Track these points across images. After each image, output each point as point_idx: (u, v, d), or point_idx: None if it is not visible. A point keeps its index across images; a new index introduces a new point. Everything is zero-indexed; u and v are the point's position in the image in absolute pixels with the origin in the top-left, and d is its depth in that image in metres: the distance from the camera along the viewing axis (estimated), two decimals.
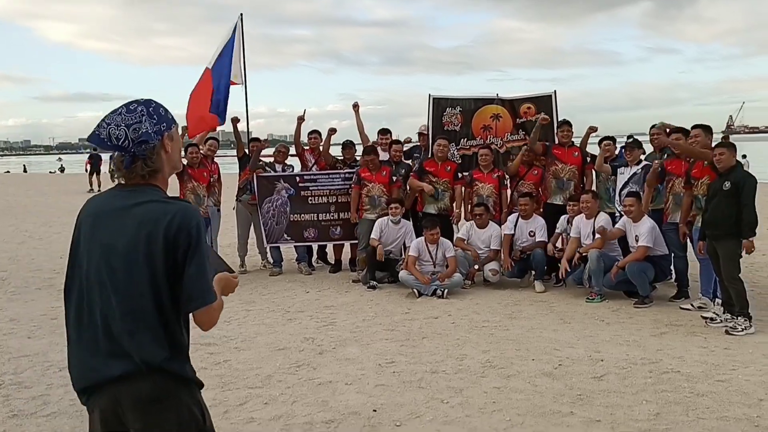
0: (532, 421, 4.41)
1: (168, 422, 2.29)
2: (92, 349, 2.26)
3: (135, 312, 2.22)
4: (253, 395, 4.94)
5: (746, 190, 6.28)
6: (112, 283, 2.23)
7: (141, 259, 2.21)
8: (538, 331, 6.49)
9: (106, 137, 2.28)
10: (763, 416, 4.37)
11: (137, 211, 2.26)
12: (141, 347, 2.22)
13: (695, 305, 7.16)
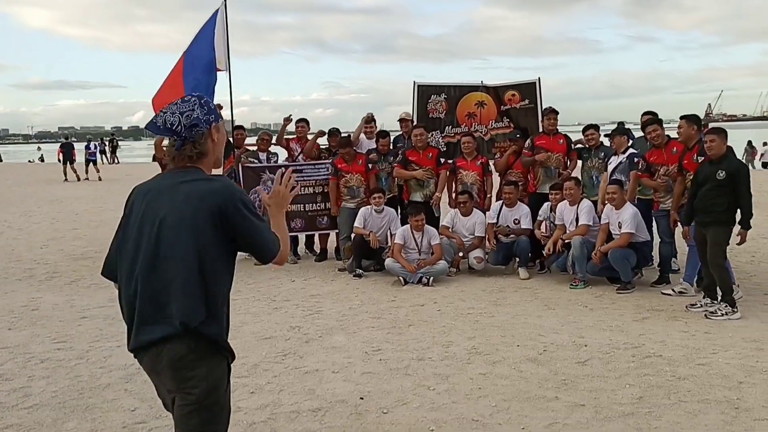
0: (518, 406, 4.47)
1: (196, 384, 2.55)
2: (140, 315, 2.54)
3: (179, 279, 2.49)
4: (239, 384, 4.94)
5: (742, 180, 6.26)
6: (161, 253, 2.51)
7: (188, 231, 2.51)
8: (522, 318, 6.56)
9: (161, 124, 2.62)
10: (743, 398, 4.46)
11: (184, 188, 2.56)
12: (181, 311, 2.48)
13: (676, 290, 7.26)
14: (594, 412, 4.34)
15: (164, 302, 2.50)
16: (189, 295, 2.50)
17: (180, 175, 2.62)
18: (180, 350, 2.51)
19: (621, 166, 8.06)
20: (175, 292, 2.49)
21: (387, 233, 8.81)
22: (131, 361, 5.35)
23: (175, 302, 2.49)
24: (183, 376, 2.54)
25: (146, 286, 2.52)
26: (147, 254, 2.53)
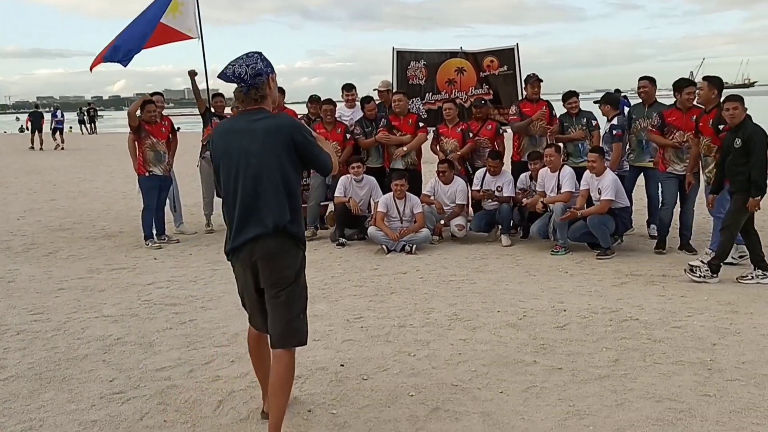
0: (496, 371, 4.51)
1: (286, 269, 3.44)
2: (238, 224, 3.39)
3: (268, 192, 3.35)
4: (219, 354, 4.97)
5: (754, 147, 6.16)
6: (251, 174, 3.34)
7: (271, 156, 3.34)
8: (503, 284, 6.60)
9: (231, 74, 3.39)
10: (716, 359, 4.54)
11: (260, 124, 3.38)
12: (272, 215, 3.35)
13: (704, 261, 6.97)
14: (571, 375, 4.40)
15: (257, 211, 3.35)
16: (277, 204, 3.36)
17: (252, 115, 3.43)
18: (272, 245, 3.37)
19: (605, 136, 8.08)
20: (265, 203, 3.35)
21: (369, 202, 8.81)
22: (109, 332, 5.42)
23: (266, 210, 3.35)
24: (277, 264, 3.41)
25: (242, 201, 3.37)
26: (241, 178, 3.36)
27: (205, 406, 4.11)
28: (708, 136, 6.91)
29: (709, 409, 3.86)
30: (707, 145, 6.96)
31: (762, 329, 5.04)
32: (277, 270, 3.42)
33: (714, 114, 6.83)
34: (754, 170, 6.18)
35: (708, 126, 6.90)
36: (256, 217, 3.36)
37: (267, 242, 3.37)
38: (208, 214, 9.73)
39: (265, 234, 3.35)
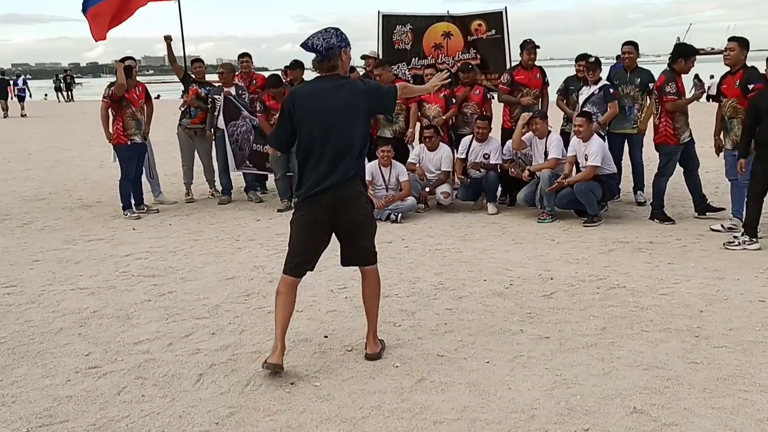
0: (483, 341, 4.44)
1: (363, 208, 4.12)
2: (319, 172, 3.95)
3: (346, 146, 3.96)
4: (199, 326, 4.86)
5: None
6: (333, 130, 3.93)
7: (351, 114, 3.97)
8: (490, 253, 6.51)
9: (309, 45, 3.96)
10: (704, 327, 4.49)
11: (342, 87, 3.98)
12: (349, 166, 3.97)
13: (725, 226, 6.94)
14: (558, 344, 4.33)
15: (340, 161, 3.94)
16: (358, 156, 4.03)
17: (333, 80, 4.00)
18: (353, 189, 4.03)
19: (594, 98, 7.94)
20: (347, 154, 3.96)
21: None
22: (85, 304, 5.29)
23: (348, 160, 3.96)
24: (357, 204, 4.07)
25: (328, 152, 3.93)
26: (326, 132, 3.92)
27: (185, 380, 4.01)
28: (733, 97, 6.64)
29: (696, 376, 3.81)
30: (732, 106, 6.67)
31: (749, 295, 4.99)
32: (357, 209, 4.08)
33: (740, 75, 6.57)
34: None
35: (733, 87, 6.63)
36: (340, 166, 3.95)
37: (349, 187, 4.01)
38: (188, 183, 9.56)
39: (348, 179, 3.99)
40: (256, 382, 3.98)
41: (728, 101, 6.71)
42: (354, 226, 4.13)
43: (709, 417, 3.33)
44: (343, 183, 3.96)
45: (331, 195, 3.97)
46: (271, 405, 3.70)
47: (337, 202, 4.00)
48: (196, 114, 9.34)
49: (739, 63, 6.63)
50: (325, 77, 4.03)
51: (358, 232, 4.17)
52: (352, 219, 4.09)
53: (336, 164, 3.94)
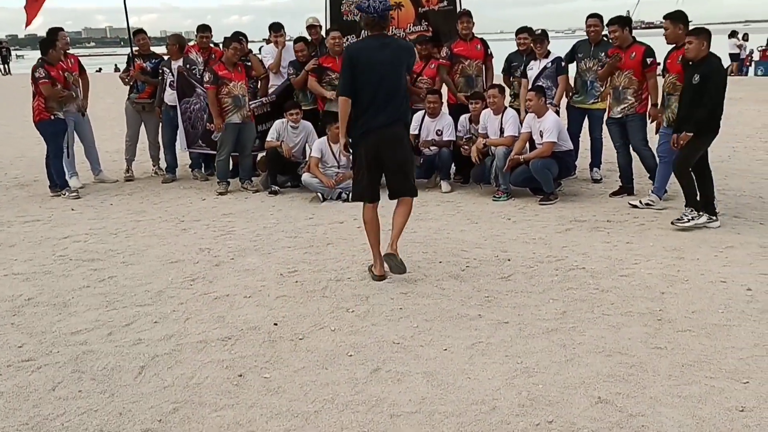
0: (440, 326, 4.27)
1: (404, 150, 5.05)
2: (373, 114, 4.84)
3: (396, 92, 4.88)
4: (141, 314, 4.59)
5: (711, 84, 5.90)
6: (385, 79, 4.81)
7: (398, 66, 4.89)
8: (445, 233, 6.34)
9: (365, 6, 4.83)
10: (666, 309, 4.39)
11: (390, 44, 4.94)
12: (398, 108, 4.91)
13: (643, 202, 6.96)
14: (518, 330, 4.19)
15: (389, 104, 4.87)
16: (404, 100, 5.01)
17: (381, 39, 4.94)
18: (399, 129, 5.00)
19: (546, 72, 7.78)
20: (396, 100, 4.90)
21: (304, 148, 8.38)
22: (19, 291, 4.96)
23: (398, 104, 4.92)
24: (401, 143, 5.03)
25: (379, 97, 4.84)
26: (381, 80, 4.82)
27: (126, 373, 3.77)
28: (674, 73, 6.54)
29: (660, 362, 3.71)
30: (672, 82, 6.56)
31: (709, 276, 4.92)
32: (402, 147, 5.01)
33: (683, 51, 6.39)
34: (702, 109, 5.93)
35: (675, 63, 6.53)
36: (388, 110, 4.87)
37: (396, 127, 4.96)
38: (130, 159, 9.17)
39: (396, 121, 4.94)
40: (202, 374, 3.75)
41: (669, 77, 6.62)
42: (398, 163, 4.99)
43: (675, 406, 3.22)
44: (394, 123, 4.92)
45: (380, 133, 4.88)
46: (217, 399, 3.48)
47: (385, 140, 4.90)
48: (144, 88, 8.94)
49: (680, 39, 6.48)
50: (374, 36, 4.96)
51: (402, 168, 5.03)
52: (398, 156, 4.98)
53: (387, 108, 4.86)
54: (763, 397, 3.28)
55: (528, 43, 8.13)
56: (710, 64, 6.00)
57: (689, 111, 6.03)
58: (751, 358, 3.71)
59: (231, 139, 8.14)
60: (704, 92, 5.92)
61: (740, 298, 4.52)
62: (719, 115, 6.10)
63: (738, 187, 7.83)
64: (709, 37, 6.04)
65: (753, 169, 8.89)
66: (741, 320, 4.19)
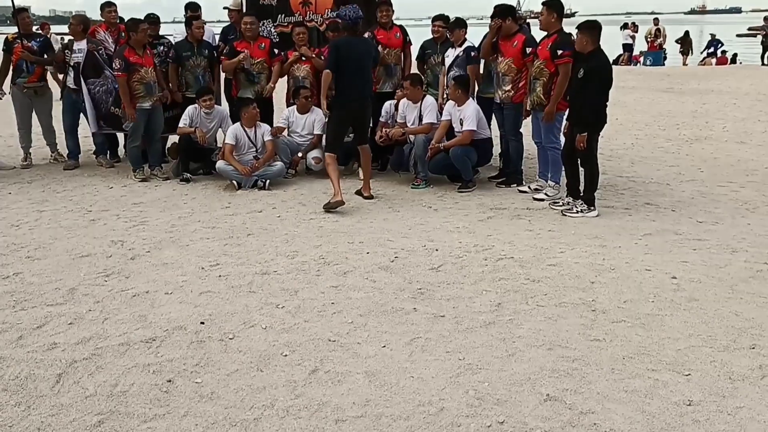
0: (375, 322, 4.17)
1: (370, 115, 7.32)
2: (354, 90, 6.72)
3: (368, 75, 7.00)
4: (53, 314, 4.24)
5: (594, 79, 6.09)
6: (362, 66, 6.72)
7: (368, 58, 6.87)
8: (368, 222, 6.24)
9: (344, 15, 6.71)
10: (598, 300, 4.44)
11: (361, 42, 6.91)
12: (369, 87, 7.05)
13: (532, 187, 7.19)
14: (455, 323, 4.14)
15: (364, 83, 6.85)
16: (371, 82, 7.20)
17: (355, 40, 6.74)
18: (369, 101, 7.03)
19: (459, 60, 7.76)
20: (368, 81, 6.98)
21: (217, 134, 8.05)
22: None
23: (369, 84, 7.04)
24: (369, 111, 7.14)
25: (359, 79, 6.69)
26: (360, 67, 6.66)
27: (41, 382, 3.47)
28: (543, 59, 6.73)
29: (601, 355, 3.73)
30: (540, 68, 6.77)
31: (634, 264, 5.03)
32: (369, 113, 7.18)
33: (554, 39, 6.66)
34: (586, 106, 6.16)
35: (545, 49, 6.72)
36: (364, 88, 6.82)
37: (366, 99, 6.92)
38: (26, 146, 8.57)
39: (368, 97, 6.97)
40: (127, 381, 3.49)
41: (538, 62, 6.81)
42: (365, 124, 7.11)
43: (623, 402, 3.24)
44: (366, 98, 6.90)
45: (360, 104, 6.77)
46: (146, 409, 3.25)
47: (360, 108, 6.82)
48: (33, 70, 8.31)
49: (552, 27, 6.75)
50: (350, 36, 6.72)
51: (365, 126, 7.13)
52: (365, 119, 7.09)
53: (363, 87, 6.76)
54: (707, 390, 3.35)
55: (443, 31, 8.09)
56: (595, 60, 6.17)
57: (578, 110, 6.24)
58: (688, 349, 3.79)
59: (143, 124, 7.73)
60: (588, 87, 6.12)
61: (667, 286, 4.63)
62: (604, 109, 6.32)
63: (645, 174, 8.14)
64: (594, 32, 6.21)
65: (657, 156, 9.27)
66: (672, 309, 4.29)
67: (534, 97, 6.84)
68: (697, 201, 7.01)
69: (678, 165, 8.73)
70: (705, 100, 14.93)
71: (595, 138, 6.33)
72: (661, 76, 19.55)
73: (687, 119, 12.46)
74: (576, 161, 6.48)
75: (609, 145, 9.65)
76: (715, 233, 5.92)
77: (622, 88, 15.06)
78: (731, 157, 9.19)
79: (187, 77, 8.32)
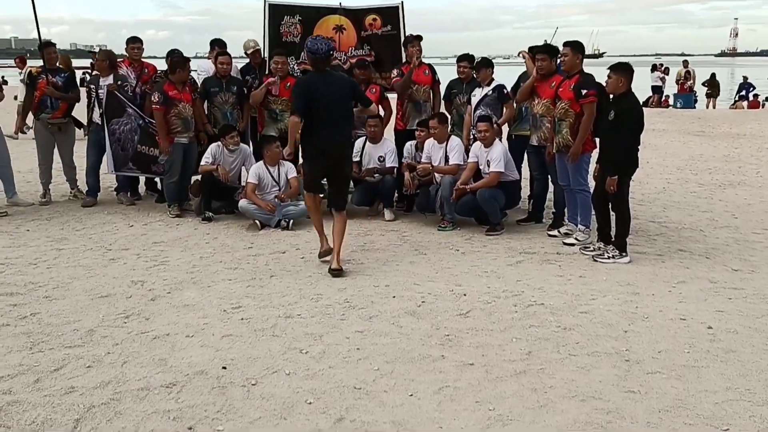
0: (402, 369, 4.02)
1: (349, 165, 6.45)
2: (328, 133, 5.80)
3: (343, 116, 5.89)
4: (71, 356, 4.13)
5: (625, 122, 5.99)
6: (334, 107, 5.77)
7: (343, 96, 5.86)
8: (394, 264, 6.11)
9: (314, 49, 5.78)
10: (632, 349, 4.27)
11: (332, 79, 5.91)
12: (346, 130, 6.10)
13: (561, 231, 7.04)
14: (484, 372, 3.98)
15: (338, 126, 5.85)
16: (349, 124, 6.16)
17: (326, 75, 5.90)
18: (347, 146, 6.22)
19: (487, 99, 7.69)
20: (343, 123, 5.92)
21: (240, 173, 8.00)
22: None
23: (344, 127, 5.99)
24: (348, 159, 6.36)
25: (330, 120, 5.77)
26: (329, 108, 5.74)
27: (59, 428, 3.35)
28: (566, 99, 6.63)
29: (636, 408, 3.56)
30: (564, 108, 6.65)
31: (668, 313, 4.85)
32: (348, 163, 6.33)
33: (576, 79, 6.57)
34: (617, 149, 6.05)
35: (568, 90, 6.62)
36: (338, 130, 5.87)
37: (345, 145, 6.13)
38: (45, 182, 8.56)
39: (345, 141, 6.13)
40: (146, 427, 3.37)
41: (561, 103, 6.71)
42: (340, 175, 6.14)
43: None
44: (341, 142, 6.00)
45: (336, 149, 5.91)
46: None
47: (339, 154, 5.96)
48: (58, 106, 8.36)
49: (575, 67, 6.67)
50: (320, 72, 5.91)
51: (341, 178, 6.19)
52: (341, 168, 6.09)
53: (335, 128, 5.83)
54: None
55: (468, 71, 8.06)
56: (626, 102, 6.09)
57: (608, 152, 6.13)
58: (726, 402, 3.61)
59: (180, 159, 7.74)
60: (619, 129, 6.02)
61: (703, 336, 4.45)
62: (636, 152, 6.21)
63: (678, 219, 7.96)
64: (628, 74, 6.13)
65: (689, 201, 9.08)
66: (708, 361, 4.11)
67: (560, 139, 6.71)
68: (731, 248, 6.81)
69: (711, 210, 8.53)
70: (737, 144, 14.76)
71: (627, 181, 6.19)
72: (692, 119, 19.35)
73: (719, 164, 12.25)
74: (607, 205, 6.33)
75: (640, 189, 9.46)
76: (751, 282, 5.73)
77: (652, 131, 14.95)
78: (766, 203, 8.96)
79: (215, 114, 8.32)
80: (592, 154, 6.66)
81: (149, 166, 8.21)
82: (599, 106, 6.40)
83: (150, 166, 8.20)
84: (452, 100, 8.22)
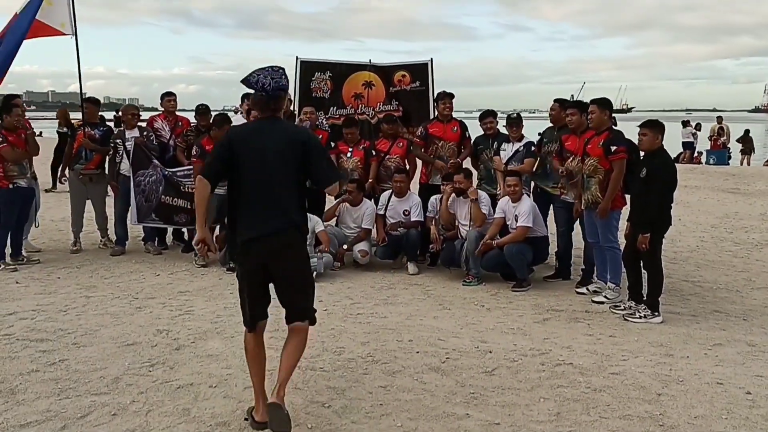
0: (426, 427, 3.94)
1: (297, 260, 3.87)
2: (257, 217, 3.73)
3: (286, 191, 3.75)
4: (97, 404, 4.11)
5: (656, 184, 5.97)
6: (273, 171, 3.73)
7: (288, 158, 3.75)
8: (417, 319, 6.04)
9: (254, 82, 3.78)
10: (666, 414, 4.13)
11: (278, 128, 3.84)
12: (288, 209, 3.76)
13: (590, 289, 6.95)
14: None
15: (277, 203, 3.73)
16: (296, 202, 3.82)
17: (270, 122, 3.85)
18: (292, 237, 3.81)
19: (517, 155, 7.71)
20: (286, 198, 3.76)
21: None
22: None
23: (288, 207, 3.76)
24: (294, 253, 3.84)
25: (264, 194, 3.72)
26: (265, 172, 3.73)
27: None
28: (595, 156, 6.60)
29: None
30: (594, 165, 6.61)
31: (704, 377, 4.71)
32: (294, 256, 3.85)
33: (605, 136, 6.55)
34: (649, 206, 6.00)
35: (596, 147, 6.60)
36: (275, 212, 3.74)
37: (288, 235, 3.79)
38: (77, 231, 8.69)
39: (287, 228, 3.77)
40: None
41: (590, 160, 6.66)
42: (290, 279, 3.89)
43: None
44: (281, 231, 3.77)
45: (269, 241, 3.75)
46: None
47: (278, 249, 3.79)
48: (91, 157, 8.54)
49: (604, 124, 6.65)
50: (264, 119, 3.89)
51: (294, 285, 3.92)
52: (290, 269, 3.87)
53: (271, 209, 3.75)
54: None
55: (494, 126, 8.12)
56: (659, 159, 6.07)
57: (640, 210, 6.09)
58: None
59: (215, 208, 7.82)
60: (651, 187, 5.98)
61: (741, 402, 4.30)
62: (669, 210, 6.16)
63: (713, 279, 7.82)
64: (660, 130, 6.13)
65: (724, 260, 8.91)
66: (747, 428, 3.96)
67: (589, 196, 6.66)
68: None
69: (748, 270, 8.36)
70: None
71: (659, 239, 6.12)
72: (725, 175, 19.08)
73: (756, 222, 12.00)
74: (638, 263, 6.25)
75: (672, 247, 9.29)
76: None
77: (685, 188, 14.77)
78: None
79: None
80: (622, 211, 6.60)
81: (171, 216, 8.31)
82: (629, 163, 6.37)
83: (173, 216, 8.31)
84: (479, 156, 8.24)
